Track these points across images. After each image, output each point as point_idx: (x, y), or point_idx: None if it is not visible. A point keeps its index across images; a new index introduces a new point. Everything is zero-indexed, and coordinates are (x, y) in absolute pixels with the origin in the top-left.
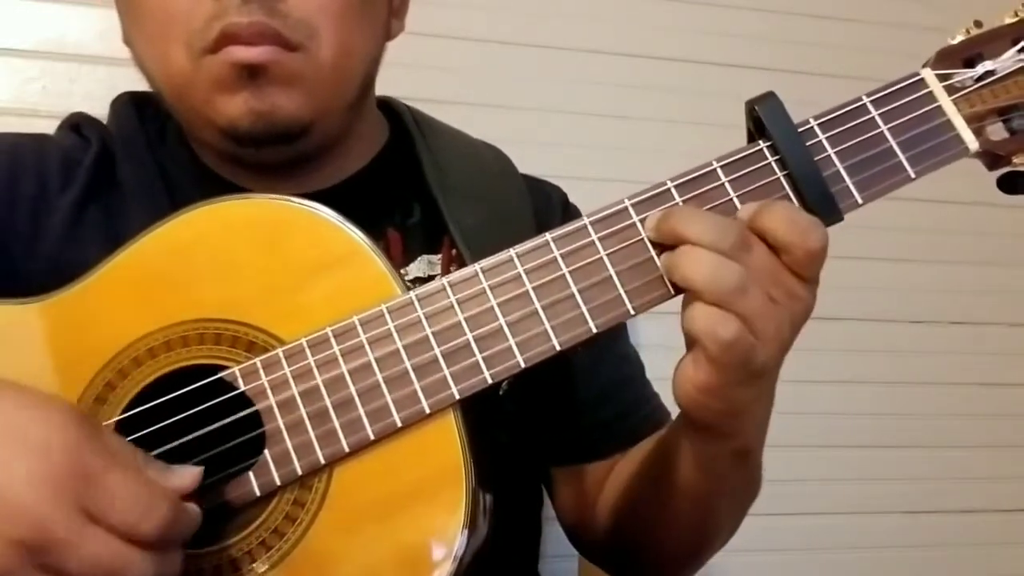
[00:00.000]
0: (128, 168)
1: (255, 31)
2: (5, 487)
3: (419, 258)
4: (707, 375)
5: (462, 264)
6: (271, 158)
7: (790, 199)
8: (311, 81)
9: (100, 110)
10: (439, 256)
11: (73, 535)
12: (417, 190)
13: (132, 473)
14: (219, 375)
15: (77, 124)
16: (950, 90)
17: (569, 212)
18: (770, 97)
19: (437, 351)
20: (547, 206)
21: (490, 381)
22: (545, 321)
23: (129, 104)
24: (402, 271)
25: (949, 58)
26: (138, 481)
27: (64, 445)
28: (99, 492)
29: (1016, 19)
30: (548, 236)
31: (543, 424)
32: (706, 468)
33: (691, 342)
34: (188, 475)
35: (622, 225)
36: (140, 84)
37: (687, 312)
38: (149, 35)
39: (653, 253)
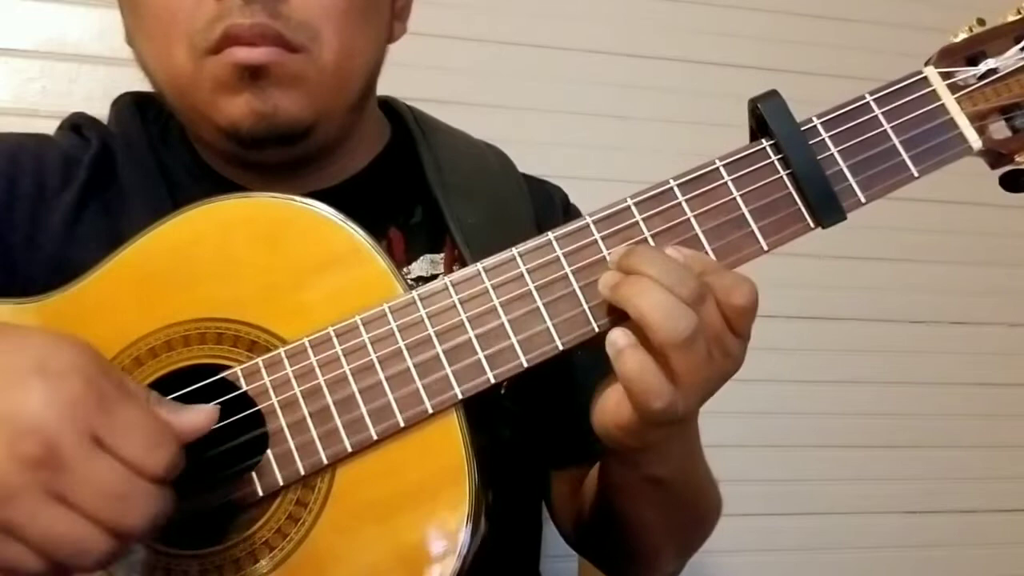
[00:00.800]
0: (129, 168)
1: (257, 32)
2: (21, 406)
3: (422, 257)
4: (628, 419)
5: (464, 264)
6: (273, 159)
7: (793, 198)
8: (313, 83)
9: (100, 110)
10: (442, 255)
11: (81, 458)
12: (419, 190)
13: (144, 408)
14: (221, 375)
15: (77, 124)
16: (953, 88)
17: (570, 213)
18: (773, 95)
19: (439, 350)
20: (548, 206)
21: (493, 381)
22: (547, 320)
23: (131, 104)
24: (404, 270)
25: (952, 56)
26: (149, 416)
27: (82, 372)
28: (112, 420)
29: (1018, 17)
30: (550, 235)
31: (544, 424)
32: (623, 489)
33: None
34: (202, 413)
35: (624, 224)
36: (140, 84)
37: (624, 355)
38: (151, 35)
39: None
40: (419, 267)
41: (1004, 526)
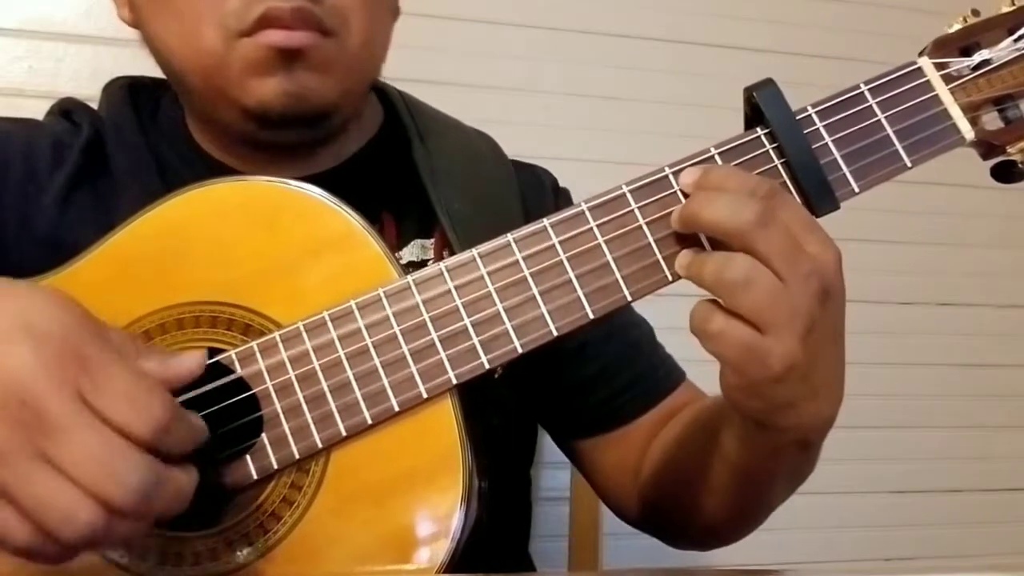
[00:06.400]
0: (120, 153)
1: (298, 16)
2: (7, 368)
3: (412, 242)
4: (732, 377)
5: (453, 250)
6: (286, 139)
7: (787, 187)
8: (342, 67)
9: (86, 90)
10: (432, 241)
11: (68, 418)
12: (410, 175)
13: (130, 368)
14: (216, 359)
15: (67, 110)
16: (947, 79)
17: (559, 196)
18: (769, 84)
19: (434, 336)
20: (538, 191)
21: (487, 366)
22: (542, 306)
23: (123, 89)
24: (396, 255)
25: (946, 47)
26: (136, 376)
27: (64, 331)
28: (96, 379)
29: (1013, 8)
30: (546, 222)
31: (547, 404)
32: (766, 454)
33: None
34: (193, 358)
35: (620, 212)
36: (126, 64)
37: (691, 313)
38: (177, 14)
39: (651, 239)
40: (410, 252)
41: (991, 506)
